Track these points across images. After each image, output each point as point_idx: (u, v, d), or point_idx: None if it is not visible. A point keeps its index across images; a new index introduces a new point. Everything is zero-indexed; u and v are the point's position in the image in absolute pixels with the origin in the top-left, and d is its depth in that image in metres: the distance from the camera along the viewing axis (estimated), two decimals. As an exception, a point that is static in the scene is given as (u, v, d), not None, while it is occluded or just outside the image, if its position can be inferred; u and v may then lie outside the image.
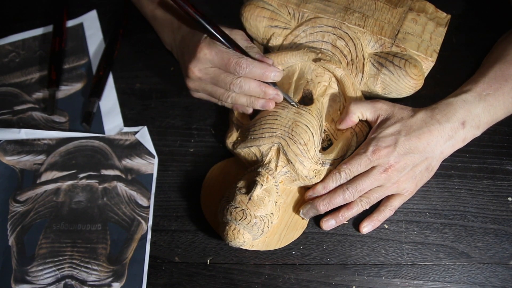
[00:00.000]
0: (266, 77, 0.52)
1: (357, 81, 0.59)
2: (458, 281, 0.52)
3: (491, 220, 0.54)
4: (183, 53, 0.56)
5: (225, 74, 0.53)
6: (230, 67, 0.52)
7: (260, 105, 0.54)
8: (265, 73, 0.52)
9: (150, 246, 0.55)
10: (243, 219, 0.49)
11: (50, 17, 0.73)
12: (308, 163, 0.53)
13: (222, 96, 0.55)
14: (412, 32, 0.59)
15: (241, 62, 0.51)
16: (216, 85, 0.54)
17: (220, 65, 0.52)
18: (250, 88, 0.53)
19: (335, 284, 0.52)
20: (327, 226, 0.54)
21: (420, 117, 0.53)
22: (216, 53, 0.52)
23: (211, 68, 0.53)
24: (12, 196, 0.59)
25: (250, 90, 0.53)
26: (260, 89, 0.53)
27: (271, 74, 0.53)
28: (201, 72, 0.53)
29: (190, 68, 0.53)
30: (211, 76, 0.53)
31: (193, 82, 0.55)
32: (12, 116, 0.65)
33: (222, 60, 0.52)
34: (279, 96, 0.54)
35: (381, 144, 0.52)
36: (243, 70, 0.51)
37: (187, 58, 0.54)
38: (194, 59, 0.53)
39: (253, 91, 0.53)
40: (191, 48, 0.54)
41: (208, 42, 0.52)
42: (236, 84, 0.52)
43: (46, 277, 0.54)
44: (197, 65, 0.53)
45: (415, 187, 0.53)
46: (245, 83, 0.52)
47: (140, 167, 0.60)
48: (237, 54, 0.52)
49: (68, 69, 0.69)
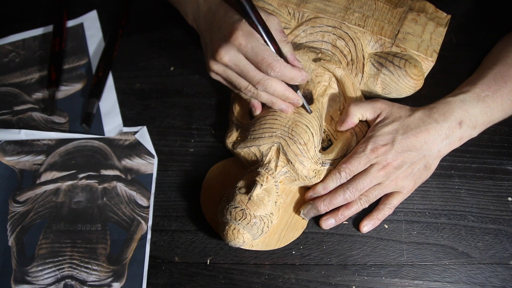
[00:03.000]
0: (294, 82, 0.52)
1: (357, 81, 0.59)
2: (458, 281, 0.52)
3: (491, 220, 0.54)
4: (211, 31, 0.53)
5: (255, 71, 0.51)
6: (262, 66, 0.50)
7: (279, 107, 0.54)
8: (294, 78, 0.52)
9: (150, 246, 0.55)
10: (243, 219, 0.49)
11: (50, 17, 0.73)
12: (308, 163, 0.53)
13: (243, 89, 0.53)
14: (412, 32, 0.59)
15: (274, 65, 0.50)
16: (242, 77, 0.52)
17: (252, 60, 0.51)
18: (275, 90, 0.52)
19: (335, 284, 0.52)
20: (326, 225, 0.54)
21: (418, 116, 0.53)
22: (252, 48, 0.50)
23: (242, 60, 0.51)
24: (12, 196, 0.59)
25: (274, 91, 0.52)
26: (284, 92, 0.52)
27: (299, 79, 0.52)
28: (231, 61, 0.51)
29: (220, 53, 0.51)
30: (239, 67, 0.51)
31: (218, 66, 0.53)
32: (12, 116, 0.65)
33: (256, 56, 0.50)
34: (299, 102, 0.54)
35: (379, 142, 0.52)
36: (274, 73, 0.50)
37: (217, 40, 0.52)
38: (226, 44, 0.50)
39: (277, 93, 0.52)
40: (223, 30, 0.51)
41: (246, 32, 0.50)
42: (263, 84, 0.51)
43: (46, 277, 0.54)
44: (228, 52, 0.51)
45: (413, 185, 0.53)
46: (272, 84, 0.52)
47: (140, 167, 0.60)
48: (271, 54, 0.50)
49: (68, 69, 0.69)
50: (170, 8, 0.72)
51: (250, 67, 0.51)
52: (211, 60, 0.53)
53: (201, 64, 0.67)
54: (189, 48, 0.68)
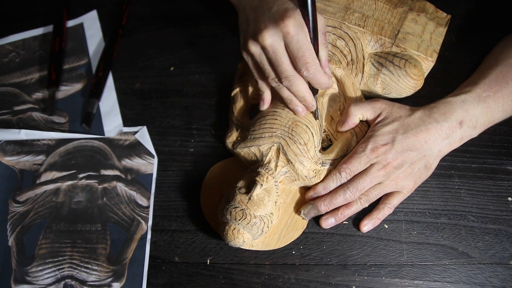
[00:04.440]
0: (319, 87, 0.52)
1: (357, 81, 0.59)
2: (458, 281, 0.52)
3: (491, 220, 0.54)
4: (258, 10, 0.51)
5: (288, 65, 0.50)
6: (299, 62, 0.49)
7: (295, 107, 0.53)
8: (322, 84, 0.51)
9: (150, 246, 0.55)
10: (243, 219, 0.49)
11: (50, 17, 0.73)
12: (308, 163, 0.53)
13: (268, 78, 0.52)
14: (412, 32, 0.59)
15: (310, 66, 0.49)
16: (272, 66, 0.51)
17: (292, 53, 0.49)
18: (299, 89, 0.52)
19: (335, 284, 0.52)
20: (326, 225, 0.54)
21: (418, 115, 0.53)
22: (298, 41, 0.48)
23: (281, 49, 0.49)
24: (12, 196, 0.59)
25: (297, 91, 0.52)
26: (305, 94, 0.52)
27: (325, 86, 0.52)
28: (271, 46, 0.49)
29: (264, 34, 0.49)
30: (275, 55, 0.50)
31: (255, 47, 0.51)
32: (12, 116, 0.65)
33: (297, 51, 0.49)
34: (314, 107, 0.54)
35: (379, 142, 0.52)
36: (307, 73, 0.50)
37: (264, 20, 0.49)
38: (274, 28, 0.48)
39: (299, 93, 0.52)
40: (274, 13, 0.49)
41: (298, 22, 0.48)
42: (291, 81, 0.51)
43: (46, 277, 0.54)
44: (272, 36, 0.49)
45: (413, 185, 0.53)
46: (298, 83, 0.51)
47: (139, 167, 0.60)
48: (312, 54, 0.49)
49: (68, 69, 0.69)
50: (170, 8, 0.72)
51: (285, 60, 0.50)
52: (251, 40, 0.51)
53: (201, 64, 0.67)
54: (189, 48, 0.68)
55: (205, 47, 0.68)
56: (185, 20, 0.71)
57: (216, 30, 0.69)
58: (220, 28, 0.70)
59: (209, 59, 0.67)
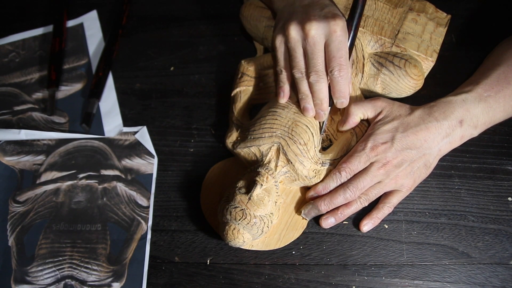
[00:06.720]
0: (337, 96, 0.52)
1: (357, 81, 0.59)
2: (458, 281, 0.52)
3: (491, 220, 0.54)
4: (309, 6, 0.52)
5: (322, 61, 0.50)
6: (333, 61, 0.50)
7: (307, 105, 0.53)
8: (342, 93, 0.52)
9: (150, 246, 0.55)
10: (243, 219, 0.49)
11: (50, 17, 0.73)
12: (308, 163, 0.53)
13: (294, 67, 0.52)
14: (412, 32, 0.59)
15: (343, 69, 0.50)
16: (305, 57, 0.51)
17: (330, 51, 0.50)
18: (320, 89, 0.52)
19: (335, 284, 0.52)
20: (326, 224, 0.54)
21: (418, 114, 0.53)
22: (340, 42, 0.49)
23: (321, 45, 0.50)
24: (12, 196, 0.59)
25: (318, 90, 0.52)
26: (323, 97, 0.52)
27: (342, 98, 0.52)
28: (313, 38, 0.49)
29: (312, 23, 0.49)
30: (312, 48, 0.50)
31: (297, 34, 0.50)
32: (12, 116, 0.65)
33: (336, 51, 0.49)
34: (324, 117, 0.54)
35: (379, 140, 0.52)
36: (337, 74, 0.50)
37: (314, 12, 0.50)
38: (323, 21, 0.49)
39: (318, 93, 0.52)
40: (325, 11, 0.50)
41: (345, 27, 0.50)
42: (318, 77, 0.51)
43: (46, 277, 0.54)
44: (320, 28, 0.49)
45: (413, 183, 0.53)
46: (322, 83, 0.51)
47: (139, 167, 0.60)
48: (347, 60, 0.50)
49: (68, 69, 0.69)
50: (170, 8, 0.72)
51: (321, 55, 0.50)
52: (294, 24, 0.50)
53: (201, 64, 0.67)
54: (189, 48, 0.68)
55: (205, 47, 0.68)
56: (185, 20, 0.71)
57: (216, 30, 0.69)
58: (220, 28, 0.70)
59: (209, 59, 0.67)
